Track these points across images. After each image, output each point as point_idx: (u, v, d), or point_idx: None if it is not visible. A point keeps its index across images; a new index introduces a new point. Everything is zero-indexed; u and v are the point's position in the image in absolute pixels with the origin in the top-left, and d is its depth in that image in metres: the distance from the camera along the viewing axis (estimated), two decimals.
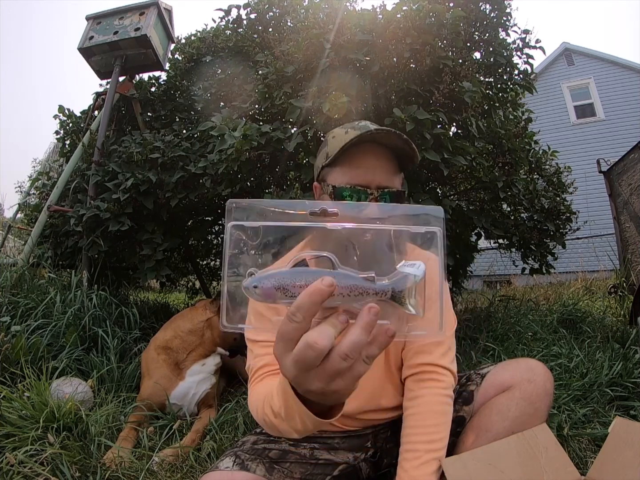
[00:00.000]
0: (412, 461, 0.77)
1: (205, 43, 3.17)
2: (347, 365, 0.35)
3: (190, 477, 1.16)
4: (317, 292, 0.33)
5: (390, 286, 0.36)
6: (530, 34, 2.47)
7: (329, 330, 0.34)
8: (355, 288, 0.35)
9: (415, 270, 0.37)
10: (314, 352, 0.34)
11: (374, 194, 0.81)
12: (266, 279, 0.35)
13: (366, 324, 0.34)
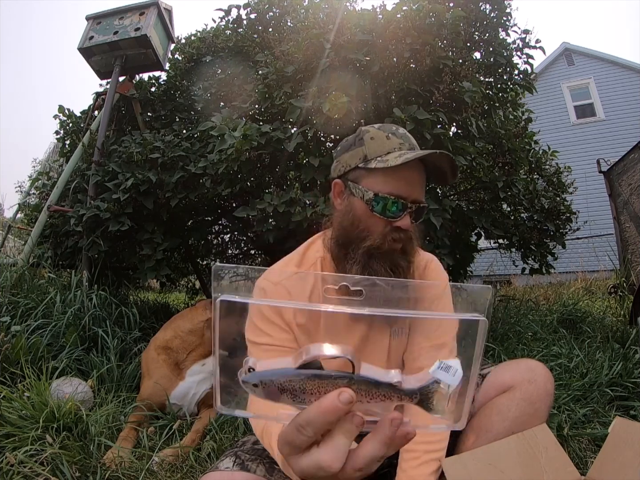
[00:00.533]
0: (410, 461, 0.77)
1: (205, 43, 3.17)
2: (362, 474, 0.32)
3: (190, 477, 1.16)
4: (332, 412, 0.30)
5: (417, 392, 0.32)
6: (530, 34, 2.47)
7: (343, 447, 0.31)
8: (377, 395, 0.31)
9: (450, 379, 0.32)
10: (325, 472, 0.31)
11: (411, 208, 0.81)
12: (269, 377, 0.31)
13: (386, 438, 0.31)
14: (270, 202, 1.89)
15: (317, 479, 0.32)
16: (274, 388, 0.31)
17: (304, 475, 0.33)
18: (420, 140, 1.83)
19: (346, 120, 1.76)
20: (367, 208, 0.81)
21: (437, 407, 0.32)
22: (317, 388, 0.30)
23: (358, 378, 0.31)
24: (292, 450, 0.33)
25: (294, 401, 0.31)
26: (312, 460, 0.32)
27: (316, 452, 0.32)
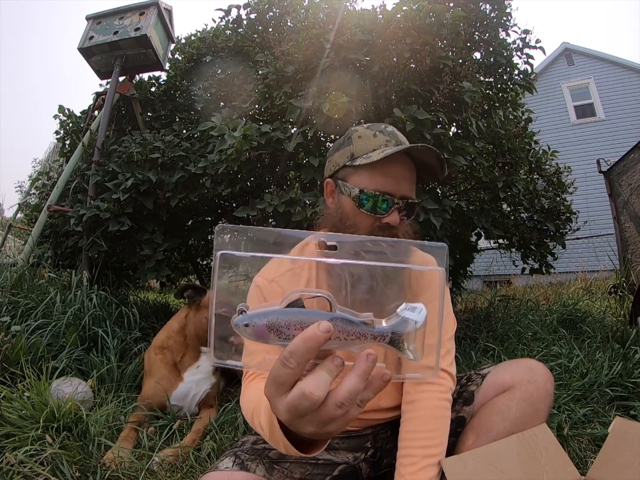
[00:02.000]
0: (408, 467, 0.76)
1: (205, 43, 3.17)
2: (342, 412, 0.34)
3: (190, 477, 1.16)
4: (313, 339, 0.32)
5: (389, 331, 0.35)
6: (530, 34, 2.47)
7: (325, 378, 0.34)
8: (352, 332, 0.34)
9: (416, 316, 0.36)
10: (309, 402, 0.33)
11: (399, 204, 0.82)
12: (258, 317, 0.34)
13: (363, 372, 0.34)
14: (270, 202, 1.89)
15: (300, 414, 0.34)
16: (262, 326, 0.34)
17: (289, 410, 0.35)
18: (420, 140, 1.83)
19: (346, 120, 1.76)
20: (354, 205, 0.83)
21: (408, 346, 0.36)
22: (300, 324, 0.33)
23: (335, 316, 0.34)
24: (277, 389, 0.35)
25: (280, 338, 0.34)
26: (296, 391, 0.34)
27: (299, 383, 0.34)
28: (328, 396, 0.34)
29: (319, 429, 0.36)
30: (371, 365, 0.34)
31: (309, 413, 0.34)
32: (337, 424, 0.36)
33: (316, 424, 0.36)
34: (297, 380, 0.34)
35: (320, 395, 0.33)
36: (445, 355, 0.86)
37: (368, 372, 0.34)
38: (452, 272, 2.75)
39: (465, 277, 3.02)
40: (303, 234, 0.42)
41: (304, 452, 0.45)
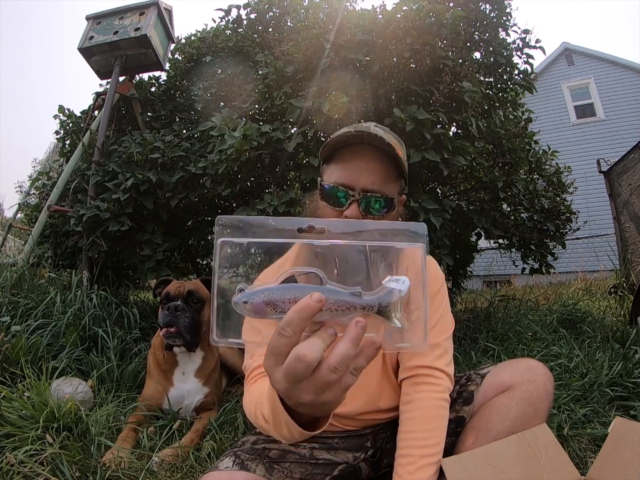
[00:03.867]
0: (406, 466, 0.76)
1: (205, 43, 3.17)
2: (336, 377, 0.36)
3: (190, 477, 1.16)
4: (306, 308, 0.34)
5: (376, 301, 0.37)
6: (530, 34, 2.47)
7: (318, 344, 0.35)
8: (342, 303, 0.36)
9: (400, 286, 0.38)
10: (303, 364, 0.35)
11: (355, 196, 0.81)
12: (255, 294, 0.36)
13: (354, 338, 0.35)
14: (270, 202, 1.89)
15: (296, 379, 0.36)
16: (260, 301, 0.36)
17: (286, 376, 0.36)
18: (420, 141, 1.83)
19: (346, 120, 1.76)
20: (320, 199, 0.85)
21: (395, 315, 0.38)
22: (294, 297, 0.36)
23: (325, 288, 0.37)
24: (276, 359, 0.37)
25: (276, 311, 0.36)
26: (292, 355, 0.36)
27: (295, 348, 0.36)
28: (322, 361, 0.36)
29: (316, 397, 0.37)
30: (361, 331, 0.35)
31: (304, 378, 0.36)
32: (333, 392, 0.37)
33: (312, 391, 0.37)
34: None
35: (313, 357, 0.35)
36: (442, 355, 0.86)
37: (358, 337, 0.36)
38: (452, 272, 2.75)
39: (465, 277, 3.02)
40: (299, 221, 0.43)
41: (308, 430, 0.47)
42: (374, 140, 0.81)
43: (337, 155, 0.85)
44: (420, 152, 1.79)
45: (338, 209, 0.82)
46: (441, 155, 1.83)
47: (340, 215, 0.82)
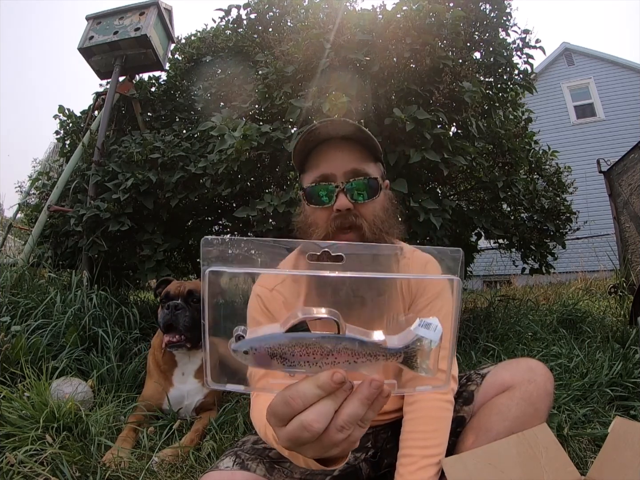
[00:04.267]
0: (408, 466, 0.76)
1: (205, 43, 3.18)
2: (344, 436, 0.34)
3: (190, 477, 1.16)
4: (325, 386, 0.32)
5: (401, 351, 0.33)
6: (530, 34, 2.47)
7: (328, 408, 0.33)
8: (363, 354, 0.33)
9: (431, 334, 0.34)
10: (309, 433, 0.33)
11: (340, 186, 0.78)
12: (258, 343, 0.32)
13: (366, 398, 0.33)
14: (270, 202, 1.89)
15: (302, 444, 0.34)
16: (264, 353, 0.31)
17: (290, 440, 0.34)
18: (420, 141, 1.83)
19: None
20: (307, 205, 0.83)
21: (422, 364, 0.34)
22: (306, 350, 0.31)
23: (343, 338, 0.32)
24: (278, 421, 0.35)
25: (284, 365, 0.32)
26: (296, 422, 0.33)
27: (300, 415, 0.33)
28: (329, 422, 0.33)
29: (322, 454, 0.36)
30: (375, 392, 0.33)
31: (309, 442, 0.34)
32: (341, 447, 0.35)
33: (319, 450, 0.35)
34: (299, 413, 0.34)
35: (319, 427, 0.33)
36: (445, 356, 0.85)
37: (371, 398, 0.33)
38: None
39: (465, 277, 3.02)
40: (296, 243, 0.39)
41: (325, 466, 0.44)
42: (339, 127, 0.79)
43: (309, 159, 0.84)
44: (420, 152, 1.79)
45: (327, 205, 0.80)
46: (441, 155, 1.83)
47: (331, 212, 0.79)
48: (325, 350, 0.32)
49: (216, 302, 0.35)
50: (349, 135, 0.81)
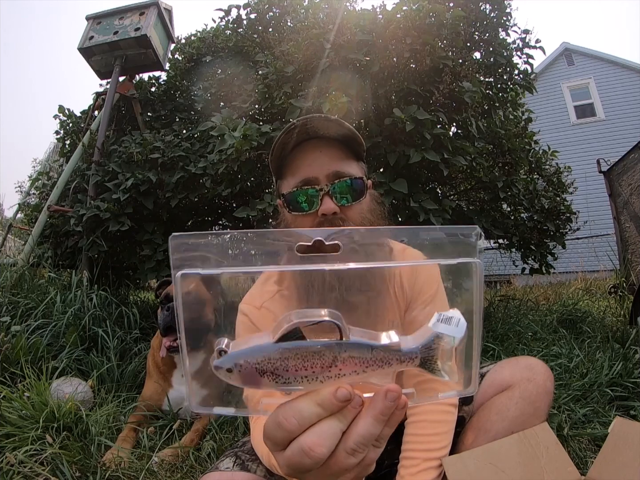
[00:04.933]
0: (409, 468, 0.75)
1: (205, 43, 3.18)
2: (357, 460, 0.28)
3: (190, 477, 1.16)
4: (326, 404, 0.27)
5: (418, 351, 0.28)
6: (530, 34, 2.47)
7: (333, 428, 0.27)
8: (372, 361, 0.27)
9: (452, 330, 0.28)
10: (311, 459, 0.27)
11: (323, 189, 0.72)
12: (244, 357, 0.26)
13: (380, 413, 0.27)
14: (270, 203, 1.89)
15: (305, 471, 0.28)
16: (252, 370, 0.26)
17: (290, 467, 0.29)
18: (420, 141, 1.83)
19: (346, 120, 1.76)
20: (288, 212, 0.76)
21: (443, 367, 0.28)
22: (302, 362, 0.26)
23: (348, 344, 0.26)
24: (274, 445, 0.29)
25: (277, 383, 0.27)
26: (295, 446, 0.28)
27: (299, 438, 0.28)
28: (338, 444, 0.28)
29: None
30: (391, 405, 0.27)
31: (313, 469, 0.28)
32: (354, 473, 0.29)
33: (327, 477, 0.29)
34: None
35: (323, 451, 0.27)
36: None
37: (386, 412, 0.27)
38: None
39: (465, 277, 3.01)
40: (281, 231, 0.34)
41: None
42: (318, 125, 0.73)
43: (286, 163, 0.77)
44: (420, 152, 1.79)
45: (311, 210, 0.72)
46: (441, 155, 1.83)
47: (316, 218, 0.73)
48: (327, 362, 0.26)
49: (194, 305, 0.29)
50: (328, 134, 0.75)
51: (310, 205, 0.73)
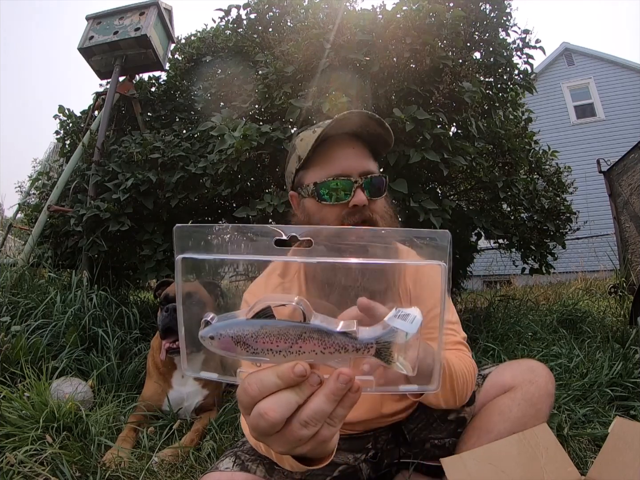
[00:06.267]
0: None
1: (205, 43, 3.18)
2: (309, 432, 0.32)
3: (190, 477, 1.16)
4: (285, 377, 0.31)
5: (373, 342, 0.31)
6: (530, 34, 2.47)
7: (288, 398, 0.31)
8: (330, 344, 0.31)
9: (407, 326, 0.31)
10: (266, 422, 0.31)
11: (358, 182, 0.77)
12: (223, 329, 0.31)
13: (331, 393, 0.31)
14: (270, 203, 1.89)
15: (263, 433, 0.33)
16: (228, 339, 0.31)
17: (252, 429, 0.33)
18: (420, 141, 1.83)
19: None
20: (315, 201, 0.79)
21: (398, 358, 0.31)
22: (269, 337, 0.30)
23: (309, 326, 0.31)
24: (244, 410, 0.33)
25: (248, 352, 0.31)
26: (255, 410, 0.32)
27: (259, 403, 0.32)
28: (293, 414, 0.32)
29: (289, 450, 0.34)
30: (342, 387, 0.31)
31: (272, 433, 0.32)
32: (309, 446, 0.33)
33: (284, 444, 0.33)
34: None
35: (275, 416, 0.31)
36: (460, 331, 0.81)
37: (338, 393, 0.31)
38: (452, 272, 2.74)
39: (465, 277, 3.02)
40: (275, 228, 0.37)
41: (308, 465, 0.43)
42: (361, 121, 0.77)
43: (318, 155, 0.80)
44: (420, 152, 1.79)
45: (343, 201, 0.77)
46: (441, 155, 1.83)
47: (344, 209, 0.77)
48: (290, 339, 0.31)
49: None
50: (357, 132, 0.80)
51: (344, 196, 0.77)
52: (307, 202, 0.82)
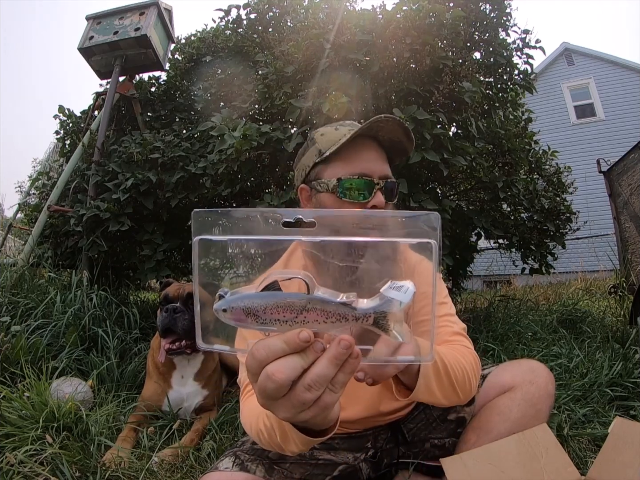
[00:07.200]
0: None
1: (205, 43, 3.18)
2: (312, 396, 0.34)
3: (190, 477, 1.16)
4: (291, 342, 0.33)
5: (371, 311, 0.34)
6: (530, 34, 2.47)
7: (294, 362, 0.34)
8: (332, 314, 0.33)
9: (401, 295, 0.34)
10: (273, 384, 0.34)
11: (379, 184, 0.79)
12: (235, 302, 0.34)
13: (334, 357, 0.34)
14: (270, 202, 1.89)
15: (270, 396, 0.35)
16: (239, 311, 0.33)
17: (260, 393, 0.35)
18: (421, 141, 1.83)
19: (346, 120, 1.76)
20: (335, 197, 0.79)
21: (395, 327, 0.34)
22: (276, 308, 0.33)
23: (312, 297, 0.34)
24: (252, 376, 0.36)
25: (257, 322, 0.34)
26: (262, 373, 0.35)
27: (267, 366, 0.34)
28: (298, 379, 0.34)
29: (293, 416, 0.36)
30: (343, 352, 0.33)
31: (278, 397, 0.35)
32: (312, 411, 0.35)
33: (289, 409, 0.36)
34: None
35: (282, 377, 0.33)
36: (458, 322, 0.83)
37: (339, 357, 0.34)
38: (452, 272, 2.74)
39: (465, 277, 3.02)
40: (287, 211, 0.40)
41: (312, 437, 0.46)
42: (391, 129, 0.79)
43: (341, 152, 0.80)
44: (420, 152, 1.79)
45: (363, 200, 0.78)
46: (441, 155, 1.83)
47: (362, 208, 0.79)
48: (295, 309, 0.33)
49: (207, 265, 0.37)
50: (389, 139, 0.82)
51: (366, 196, 0.79)
52: (323, 197, 0.81)
